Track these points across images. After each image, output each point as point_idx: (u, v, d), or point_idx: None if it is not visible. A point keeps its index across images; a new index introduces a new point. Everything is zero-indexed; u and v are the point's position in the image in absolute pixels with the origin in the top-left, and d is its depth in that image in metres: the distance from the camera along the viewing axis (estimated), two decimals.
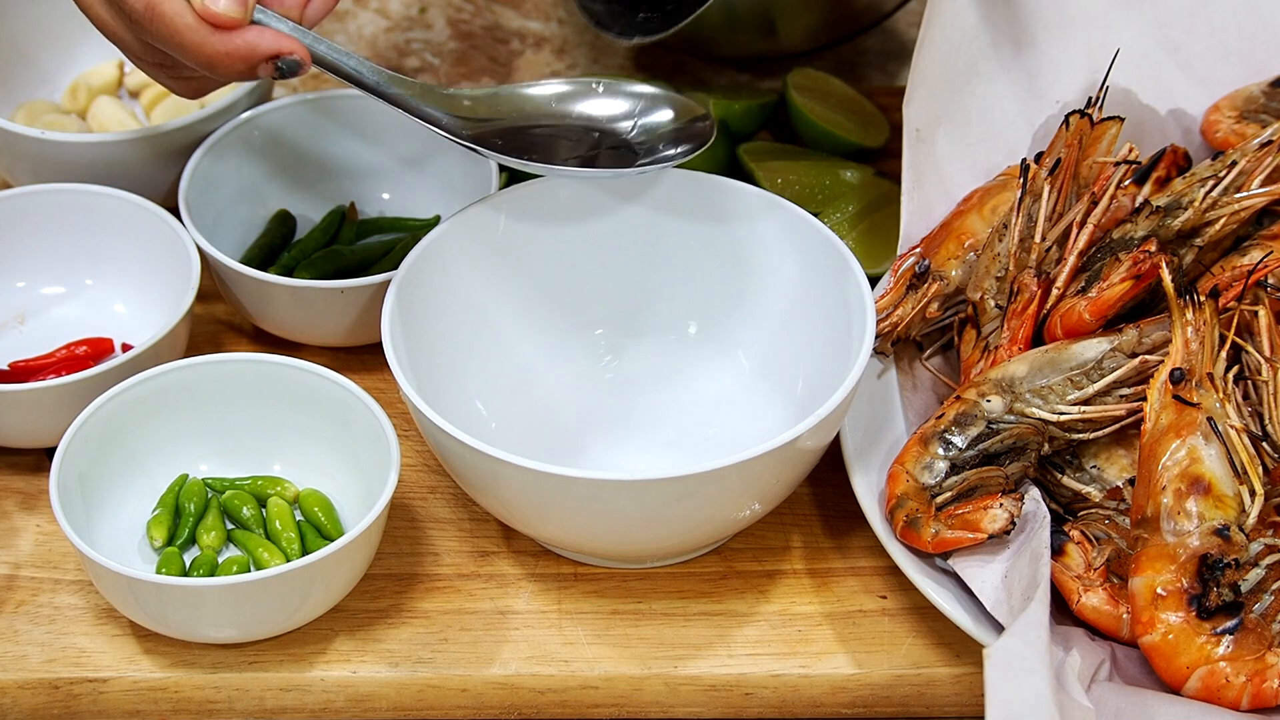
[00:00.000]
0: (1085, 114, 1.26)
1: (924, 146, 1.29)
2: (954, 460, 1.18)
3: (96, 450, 1.20)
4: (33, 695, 1.17)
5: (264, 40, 1.15)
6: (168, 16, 1.14)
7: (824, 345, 1.23)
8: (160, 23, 1.14)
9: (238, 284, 1.30)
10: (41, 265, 1.35)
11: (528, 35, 1.62)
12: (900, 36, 1.62)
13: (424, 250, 1.24)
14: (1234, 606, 1.09)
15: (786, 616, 1.19)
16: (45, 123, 1.43)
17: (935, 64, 1.30)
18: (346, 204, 1.39)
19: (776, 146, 1.45)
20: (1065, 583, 1.14)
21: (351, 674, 1.17)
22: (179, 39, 1.14)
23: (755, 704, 1.17)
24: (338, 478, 1.23)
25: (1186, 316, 1.15)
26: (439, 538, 1.23)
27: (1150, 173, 1.25)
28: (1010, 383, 1.19)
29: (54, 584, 1.21)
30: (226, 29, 1.14)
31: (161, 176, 1.37)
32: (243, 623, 1.15)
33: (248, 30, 1.15)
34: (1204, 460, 1.11)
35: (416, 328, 1.22)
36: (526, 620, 1.19)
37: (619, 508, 1.12)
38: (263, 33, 1.15)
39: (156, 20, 1.14)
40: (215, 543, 1.21)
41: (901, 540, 1.16)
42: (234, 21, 1.14)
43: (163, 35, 1.14)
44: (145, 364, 1.24)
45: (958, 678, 1.17)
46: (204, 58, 1.15)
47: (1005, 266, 1.24)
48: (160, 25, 1.14)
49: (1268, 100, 1.35)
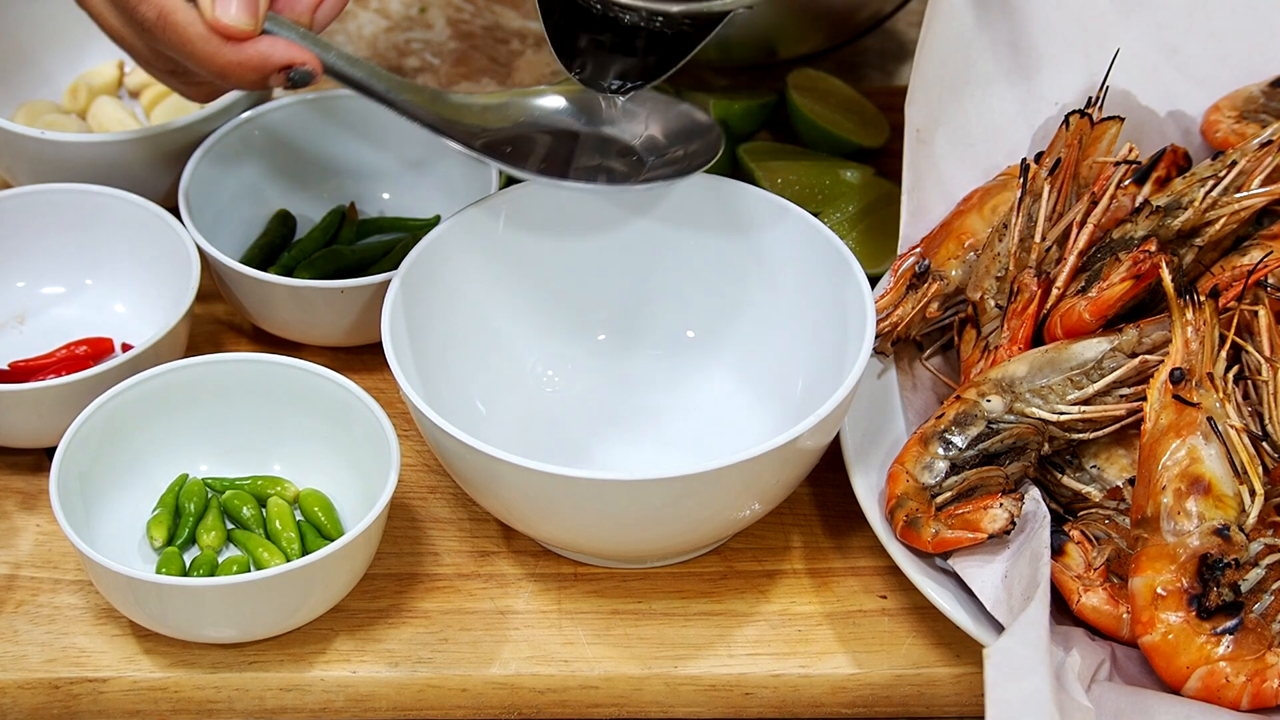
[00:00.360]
0: (1085, 114, 1.26)
1: (924, 147, 1.29)
2: (954, 460, 1.18)
3: (96, 450, 1.20)
4: (33, 695, 1.17)
5: (276, 51, 1.15)
6: (180, 26, 1.14)
7: (824, 345, 1.23)
8: (172, 32, 1.14)
9: (238, 284, 1.30)
10: (41, 265, 1.35)
11: (528, 35, 1.62)
12: (900, 36, 1.62)
13: (424, 250, 1.24)
14: (1234, 606, 1.09)
15: (786, 616, 1.19)
16: (45, 123, 1.43)
17: (935, 65, 1.30)
18: (346, 204, 1.39)
19: (776, 146, 1.45)
20: (1065, 583, 1.14)
21: (351, 674, 1.17)
22: (191, 49, 1.14)
23: (755, 704, 1.17)
24: (338, 478, 1.23)
25: (1186, 316, 1.15)
26: (439, 538, 1.23)
27: (1150, 173, 1.25)
28: (1010, 383, 1.19)
29: (54, 584, 1.21)
30: (238, 40, 1.14)
31: (161, 176, 1.37)
32: (243, 623, 1.15)
33: (260, 41, 1.15)
34: (1204, 460, 1.11)
35: (416, 328, 1.22)
36: (526, 620, 1.19)
37: (619, 508, 1.12)
38: (275, 43, 1.15)
39: (169, 30, 1.14)
40: (215, 543, 1.21)
41: (901, 540, 1.16)
42: (245, 33, 1.14)
43: (175, 45, 1.15)
44: (145, 364, 1.24)
45: (958, 678, 1.17)
46: (216, 68, 1.15)
47: (1005, 266, 1.24)
48: (172, 35, 1.14)
49: (1267, 100, 1.35)
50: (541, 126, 1.24)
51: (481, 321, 1.27)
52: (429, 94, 1.21)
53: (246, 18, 1.14)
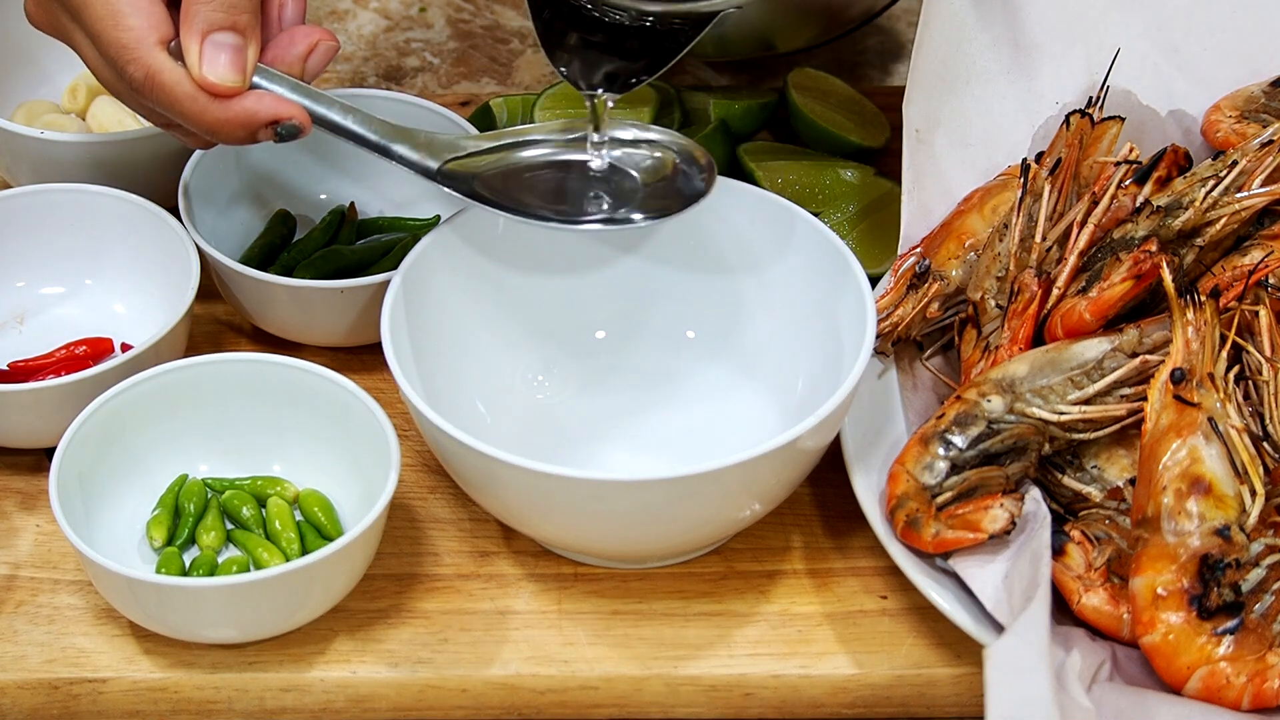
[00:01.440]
0: (1086, 114, 1.26)
1: (924, 147, 1.29)
2: (954, 460, 1.18)
3: (96, 450, 1.20)
4: (32, 695, 1.17)
5: (263, 107, 1.16)
6: (167, 86, 1.15)
7: (824, 345, 1.23)
8: (160, 92, 1.15)
9: (238, 284, 1.30)
10: (41, 265, 1.35)
11: (528, 35, 1.62)
12: (900, 36, 1.62)
13: (424, 250, 1.24)
14: (1234, 607, 1.09)
15: (787, 616, 1.19)
16: (45, 123, 1.43)
17: (934, 65, 1.30)
18: (346, 204, 1.39)
19: (776, 146, 1.45)
20: (1066, 583, 1.14)
21: (351, 674, 1.17)
22: (179, 108, 1.16)
23: (755, 704, 1.17)
24: (338, 478, 1.23)
25: (1187, 316, 1.15)
26: (439, 538, 1.23)
27: (1151, 173, 1.25)
28: (1011, 383, 1.19)
29: (54, 584, 1.21)
30: (225, 96, 1.15)
31: (161, 176, 1.37)
32: (242, 623, 1.15)
33: (246, 97, 1.16)
34: (1205, 460, 1.11)
35: (416, 328, 1.22)
36: (526, 620, 1.19)
37: (619, 508, 1.12)
38: (261, 98, 1.16)
39: (156, 89, 1.15)
40: (215, 543, 1.21)
41: (902, 540, 1.16)
42: (230, 91, 1.15)
43: (163, 103, 1.16)
44: (145, 364, 1.24)
45: (958, 678, 1.17)
46: (204, 125, 1.16)
47: (1006, 266, 1.24)
48: (160, 94, 1.15)
49: (1268, 100, 1.35)
50: (535, 162, 1.24)
51: (481, 321, 1.27)
52: (424, 139, 1.21)
53: (234, 74, 1.15)
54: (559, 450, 1.25)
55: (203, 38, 1.14)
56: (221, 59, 1.15)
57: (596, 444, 1.27)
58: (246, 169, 1.38)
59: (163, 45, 1.15)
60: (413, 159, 1.21)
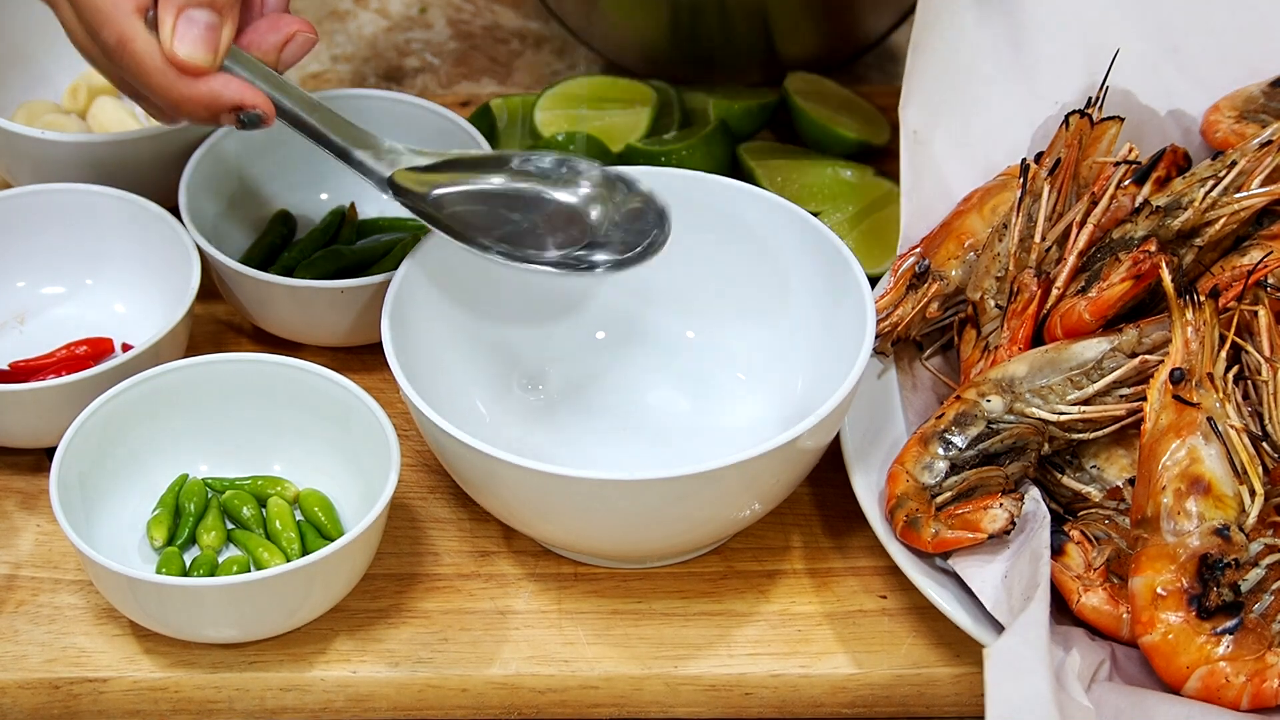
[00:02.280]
0: (1085, 114, 1.26)
1: (922, 147, 1.29)
2: (954, 460, 1.18)
3: (96, 450, 1.20)
4: (33, 695, 1.17)
5: (228, 90, 1.15)
6: (138, 55, 1.14)
7: (824, 345, 1.23)
8: (130, 59, 1.14)
9: (238, 284, 1.30)
10: (41, 265, 1.35)
11: (528, 35, 1.62)
12: (899, 37, 1.62)
13: (424, 250, 1.24)
14: (1234, 606, 1.09)
15: (786, 616, 1.19)
16: (45, 123, 1.43)
17: (933, 65, 1.30)
18: (346, 204, 1.39)
19: (777, 146, 1.45)
20: (1065, 583, 1.14)
21: (351, 674, 1.17)
22: (147, 79, 1.15)
23: (755, 704, 1.17)
24: (338, 478, 1.23)
25: (1186, 316, 1.15)
26: (439, 538, 1.23)
27: (1150, 173, 1.25)
28: (1010, 383, 1.19)
29: (54, 584, 1.21)
30: (194, 74, 1.14)
31: (161, 176, 1.37)
32: (243, 623, 1.15)
33: (214, 78, 1.15)
34: (1204, 460, 1.11)
35: (417, 328, 1.22)
36: (526, 620, 1.19)
37: (619, 508, 1.12)
38: (228, 82, 1.15)
39: (126, 57, 1.14)
40: (215, 543, 1.21)
41: (901, 540, 1.16)
42: (198, 69, 1.14)
43: (132, 71, 1.15)
44: (145, 364, 1.24)
45: (958, 678, 1.17)
46: (169, 100, 1.15)
47: (1005, 266, 1.24)
48: (129, 61, 1.14)
49: (1267, 100, 1.35)
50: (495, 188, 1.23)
51: (481, 321, 1.27)
52: (387, 152, 1.20)
53: (203, 53, 1.14)
54: (559, 450, 1.25)
55: (178, 12, 1.13)
56: (193, 35, 1.13)
57: (596, 444, 1.27)
58: (247, 169, 1.38)
59: (139, 13, 1.14)
60: (370, 166, 1.20)
